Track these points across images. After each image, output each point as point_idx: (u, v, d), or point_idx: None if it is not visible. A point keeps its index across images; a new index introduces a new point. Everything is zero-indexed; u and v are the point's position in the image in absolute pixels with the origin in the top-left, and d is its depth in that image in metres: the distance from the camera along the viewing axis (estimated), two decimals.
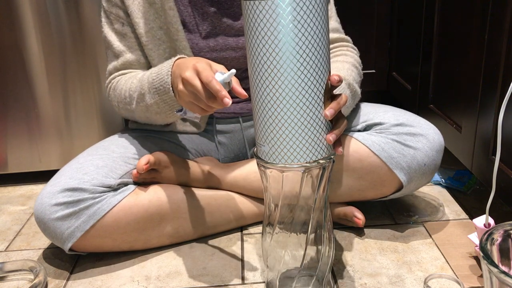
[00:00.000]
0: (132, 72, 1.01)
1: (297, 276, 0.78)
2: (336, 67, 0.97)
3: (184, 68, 0.80)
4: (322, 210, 0.75)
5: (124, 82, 0.98)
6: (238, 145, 1.13)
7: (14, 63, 1.25)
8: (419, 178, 0.96)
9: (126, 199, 0.93)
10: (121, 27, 0.99)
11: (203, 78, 0.75)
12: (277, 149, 0.70)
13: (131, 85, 0.95)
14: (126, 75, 1.00)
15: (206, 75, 0.75)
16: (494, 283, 0.59)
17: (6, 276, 0.94)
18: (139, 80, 0.93)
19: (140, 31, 0.98)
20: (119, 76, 1.01)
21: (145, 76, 0.92)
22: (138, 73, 0.98)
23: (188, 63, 0.80)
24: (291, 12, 0.65)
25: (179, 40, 0.98)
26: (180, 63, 0.84)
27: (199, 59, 0.82)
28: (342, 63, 0.99)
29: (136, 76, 0.96)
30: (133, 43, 1.00)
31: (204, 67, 0.77)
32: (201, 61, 0.79)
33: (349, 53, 1.04)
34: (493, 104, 0.91)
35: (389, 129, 0.96)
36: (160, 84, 0.87)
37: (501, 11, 0.88)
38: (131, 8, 0.97)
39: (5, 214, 1.20)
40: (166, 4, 0.97)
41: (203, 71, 0.76)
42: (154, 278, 0.91)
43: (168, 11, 0.97)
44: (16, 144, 1.32)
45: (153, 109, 0.92)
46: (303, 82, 0.67)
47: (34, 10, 1.21)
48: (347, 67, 0.97)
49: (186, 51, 0.99)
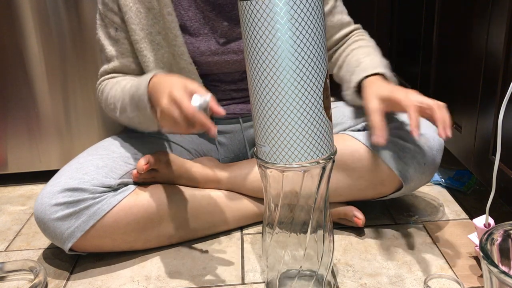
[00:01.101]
0: (119, 77, 1.01)
1: (297, 276, 0.78)
2: (365, 52, 1.03)
3: (160, 93, 0.79)
4: (322, 210, 0.75)
5: (110, 88, 0.98)
6: (238, 145, 1.13)
7: (14, 63, 1.25)
8: (419, 178, 0.96)
9: (126, 199, 0.93)
10: (115, 32, 0.99)
11: (184, 111, 0.74)
12: (277, 149, 0.70)
13: (115, 93, 0.95)
14: (114, 79, 1.00)
15: (186, 106, 0.74)
16: (494, 283, 0.59)
17: (6, 276, 0.94)
18: (122, 90, 0.93)
19: (136, 38, 0.98)
20: (107, 80, 1.02)
21: (126, 88, 0.92)
22: (123, 80, 0.98)
23: (163, 88, 0.79)
24: (288, 11, 0.65)
25: (177, 45, 0.98)
26: (156, 83, 0.83)
27: (173, 80, 0.80)
28: (368, 50, 1.04)
29: (120, 84, 0.96)
30: (125, 49, 1.00)
31: (181, 95, 0.75)
32: (175, 85, 0.78)
33: (366, 36, 1.11)
34: (493, 104, 0.91)
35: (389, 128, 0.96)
36: (138, 100, 0.87)
37: (501, 11, 0.88)
38: (128, 14, 0.96)
39: (5, 214, 1.20)
40: (165, 9, 0.96)
41: (181, 102, 0.75)
42: (154, 278, 0.91)
43: (166, 17, 0.96)
44: (16, 144, 1.32)
45: (135, 120, 0.93)
46: (302, 81, 0.67)
47: (34, 10, 1.21)
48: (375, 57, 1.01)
49: (184, 56, 0.99)
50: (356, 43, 1.07)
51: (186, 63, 0.99)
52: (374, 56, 1.01)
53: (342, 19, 1.10)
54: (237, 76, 1.07)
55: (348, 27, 1.11)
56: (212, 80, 1.06)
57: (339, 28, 1.10)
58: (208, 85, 1.04)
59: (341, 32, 1.10)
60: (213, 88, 1.06)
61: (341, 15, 1.10)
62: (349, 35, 1.11)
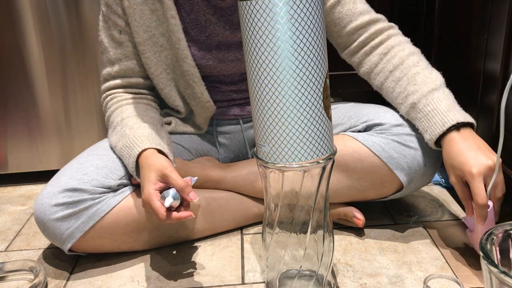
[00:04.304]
0: (126, 91, 1.02)
1: (297, 276, 0.78)
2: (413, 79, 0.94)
3: (142, 183, 0.85)
4: (322, 210, 0.75)
5: (114, 110, 1.00)
6: (238, 146, 1.13)
7: (14, 63, 1.25)
8: (420, 179, 0.96)
9: (125, 200, 0.93)
10: (118, 35, 0.99)
11: (159, 218, 0.81)
12: (277, 149, 0.70)
13: (113, 137, 0.97)
14: (119, 102, 1.00)
15: (157, 215, 0.80)
16: (494, 283, 0.59)
17: (6, 276, 0.94)
18: (119, 136, 0.94)
19: (139, 40, 0.98)
20: (114, 93, 1.02)
21: (118, 147, 0.94)
22: (127, 110, 0.98)
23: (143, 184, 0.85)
24: (288, 11, 0.65)
25: (180, 48, 0.98)
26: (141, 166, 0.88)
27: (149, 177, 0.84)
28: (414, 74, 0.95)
29: (123, 120, 0.96)
30: (129, 52, 1.00)
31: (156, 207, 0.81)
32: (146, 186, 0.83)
33: (402, 39, 1.00)
34: (493, 104, 0.91)
35: (389, 129, 0.95)
36: (127, 163, 0.92)
37: (501, 11, 0.88)
38: (132, 16, 0.96)
39: (5, 214, 1.20)
40: (168, 12, 0.96)
41: (156, 212, 0.81)
42: (154, 278, 0.91)
43: (170, 20, 0.96)
44: (16, 144, 1.32)
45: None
46: (301, 80, 0.67)
47: (34, 10, 1.21)
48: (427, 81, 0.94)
49: (187, 59, 0.99)
50: (403, 56, 0.97)
51: (189, 66, 0.99)
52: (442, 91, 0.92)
53: (353, 8, 0.99)
54: (236, 78, 1.07)
55: (362, 16, 0.99)
56: (212, 81, 1.06)
57: (349, 18, 0.99)
58: (208, 87, 1.04)
59: (354, 23, 0.99)
60: (213, 89, 1.06)
61: (352, 4, 1.00)
62: (374, 30, 1.00)
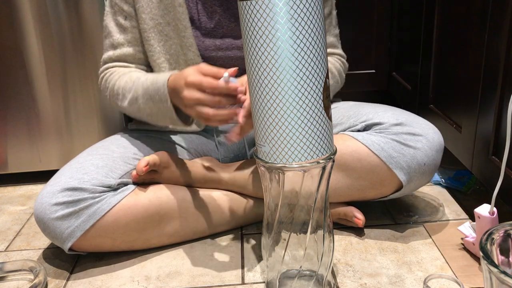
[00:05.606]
0: (126, 67, 1.02)
1: (297, 276, 0.78)
2: None
3: (183, 77, 0.82)
4: (322, 210, 0.75)
5: (118, 77, 0.99)
6: (238, 145, 1.13)
7: (14, 63, 1.25)
8: (419, 178, 0.96)
9: (125, 199, 0.93)
10: (124, 21, 1.00)
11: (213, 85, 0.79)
12: (277, 149, 0.70)
13: (125, 84, 0.96)
14: (120, 70, 1.01)
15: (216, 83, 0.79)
16: (494, 283, 0.59)
17: (6, 276, 0.94)
18: (134, 82, 0.94)
19: (144, 27, 0.99)
20: (112, 68, 1.02)
21: (140, 80, 0.93)
22: (132, 72, 0.99)
23: (184, 73, 0.83)
24: (288, 11, 0.65)
25: (186, 37, 0.99)
26: (176, 76, 0.85)
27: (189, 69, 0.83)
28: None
29: (131, 76, 0.97)
30: (133, 38, 1.01)
31: (214, 69, 0.81)
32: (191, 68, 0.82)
33: (331, 60, 1.06)
34: (493, 104, 0.91)
35: (388, 128, 0.96)
36: (155, 93, 0.89)
37: (501, 11, 0.88)
38: (139, 3, 0.98)
39: (5, 214, 1.20)
40: (176, 0, 0.97)
41: (216, 75, 0.79)
42: (154, 278, 0.91)
43: (177, 8, 0.98)
44: (16, 144, 1.32)
45: (146, 112, 0.94)
46: (301, 81, 0.67)
47: (34, 10, 1.21)
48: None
49: (192, 48, 1.00)
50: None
51: (194, 55, 1.00)
52: None
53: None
54: (238, 74, 1.07)
55: (328, 48, 1.07)
56: None
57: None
58: None
59: None
60: None
61: (328, 32, 1.06)
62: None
